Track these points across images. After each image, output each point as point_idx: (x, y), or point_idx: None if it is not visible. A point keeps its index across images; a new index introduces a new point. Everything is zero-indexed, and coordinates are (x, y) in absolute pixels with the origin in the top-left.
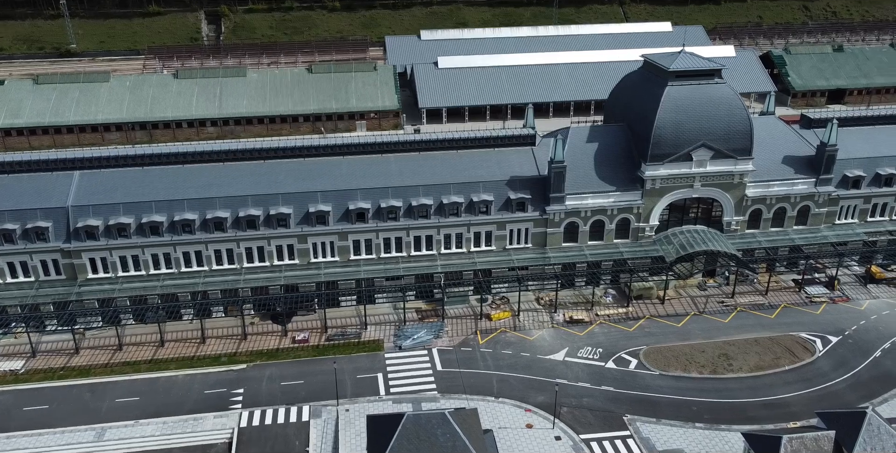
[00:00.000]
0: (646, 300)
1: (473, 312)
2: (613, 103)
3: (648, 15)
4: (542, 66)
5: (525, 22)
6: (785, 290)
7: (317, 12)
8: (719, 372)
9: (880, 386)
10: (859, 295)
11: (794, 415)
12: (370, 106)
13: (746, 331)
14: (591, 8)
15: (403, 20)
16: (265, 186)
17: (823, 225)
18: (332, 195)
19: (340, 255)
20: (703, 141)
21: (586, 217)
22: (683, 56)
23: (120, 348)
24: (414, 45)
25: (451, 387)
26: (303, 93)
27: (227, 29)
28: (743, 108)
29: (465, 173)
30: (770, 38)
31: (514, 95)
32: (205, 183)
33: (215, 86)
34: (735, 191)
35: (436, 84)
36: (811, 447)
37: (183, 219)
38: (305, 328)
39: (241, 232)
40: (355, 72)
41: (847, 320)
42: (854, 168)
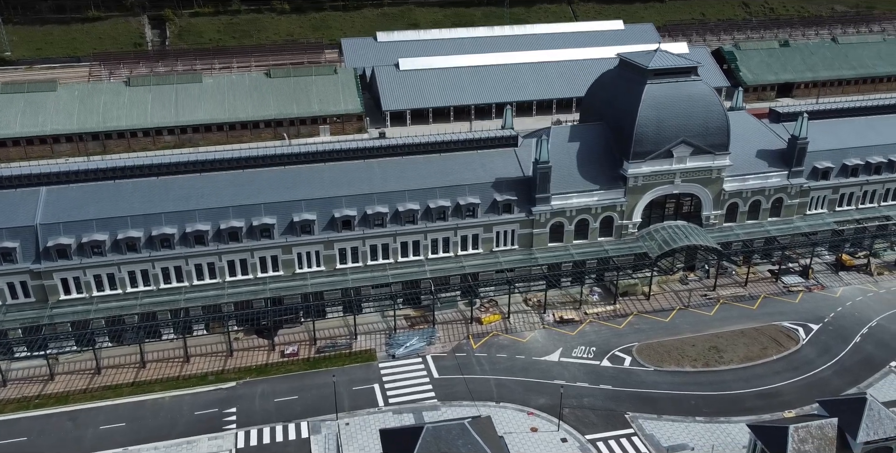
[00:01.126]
0: (631, 296)
1: (463, 317)
2: (591, 102)
3: (597, 13)
4: (503, 65)
5: (476, 22)
6: (763, 281)
7: (265, 15)
8: (711, 364)
9: (864, 371)
10: (833, 282)
11: (789, 404)
12: (333, 110)
13: (732, 322)
14: (540, 7)
15: (355, 22)
16: (246, 196)
17: (796, 216)
18: (317, 203)
19: (326, 265)
20: (682, 137)
21: (571, 216)
22: (660, 54)
23: (98, 372)
24: (370, 46)
25: (450, 395)
26: (262, 98)
27: (173, 33)
28: (719, 104)
29: (451, 176)
30: (716, 35)
31: (478, 96)
32: (182, 195)
33: (170, 93)
34: (713, 185)
35: (398, 86)
36: (817, 435)
37: (161, 234)
38: (293, 341)
39: (224, 245)
40: (315, 75)
41: (824, 308)
42: (823, 160)
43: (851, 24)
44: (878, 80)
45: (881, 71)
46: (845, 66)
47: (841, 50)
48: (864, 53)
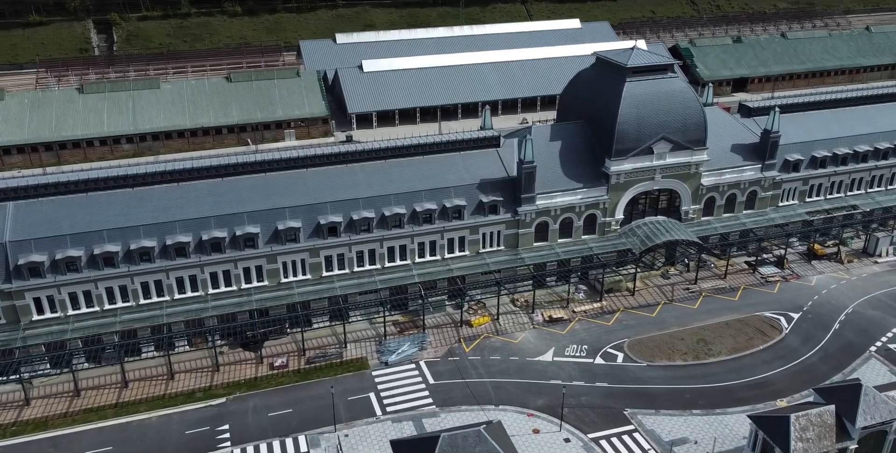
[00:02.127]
0: (616, 293)
1: (453, 320)
2: (569, 101)
3: (551, 12)
4: (467, 66)
5: (432, 22)
6: (741, 273)
7: (217, 18)
8: (701, 357)
9: (847, 357)
10: (807, 271)
11: (780, 393)
12: (297, 114)
13: (716, 315)
14: (495, 7)
15: (309, 24)
16: (228, 205)
17: (769, 208)
18: (301, 210)
19: (312, 273)
20: (662, 134)
21: (556, 215)
22: (637, 52)
23: (77, 394)
24: (330, 48)
25: (447, 400)
26: (224, 103)
27: (121, 38)
28: (697, 100)
29: (436, 179)
30: (669, 32)
31: (443, 96)
32: (161, 206)
33: (127, 100)
34: (692, 180)
35: (362, 88)
36: (816, 422)
37: (140, 247)
38: (282, 352)
39: (206, 256)
40: (278, 79)
41: (802, 296)
42: (793, 152)
43: (795, 20)
44: (826, 73)
45: (829, 65)
46: (795, 61)
47: (790, 45)
48: (811, 48)
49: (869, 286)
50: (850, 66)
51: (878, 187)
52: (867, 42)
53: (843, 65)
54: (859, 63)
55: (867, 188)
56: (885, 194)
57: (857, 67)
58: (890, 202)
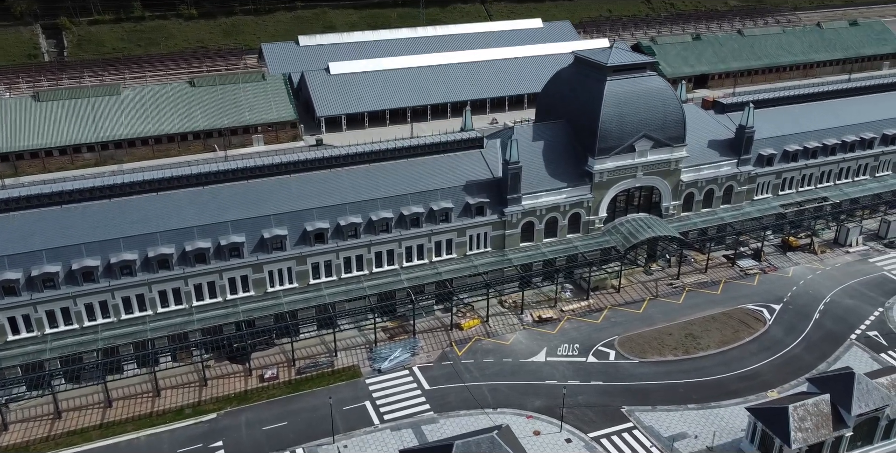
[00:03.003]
0: (602, 291)
1: (442, 324)
2: (548, 101)
3: (510, 12)
4: (435, 66)
5: (393, 23)
6: (720, 266)
7: (172, 21)
8: (691, 352)
9: (829, 346)
10: (783, 263)
11: (769, 384)
12: (265, 118)
13: (700, 309)
14: (455, 7)
15: (268, 26)
16: (211, 215)
17: (745, 201)
18: (287, 217)
19: (299, 281)
20: (643, 132)
21: (541, 215)
22: (616, 51)
23: (59, 416)
24: (293, 51)
25: (445, 405)
26: (188, 108)
27: (71, 43)
28: (676, 98)
29: (422, 182)
30: (629, 30)
31: (413, 98)
32: (141, 217)
33: (86, 107)
34: (672, 177)
35: (330, 91)
36: (813, 412)
37: (121, 261)
38: (271, 364)
39: (190, 268)
40: (243, 83)
41: (781, 288)
42: (766, 147)
43: (748, 17)
44: (782, 68)
45: (784, 60)
46: (752, 57)
47: (747, 42)
48: (767, 44)
49: (843, 275)
50: (804, 62)
51: (845, 179)
52: (819, 38)
53: (798, 60)
54: (812, 58)
55: (835, 180)
56: (852, 185)
57: (810, 62)
58: (857, 193)
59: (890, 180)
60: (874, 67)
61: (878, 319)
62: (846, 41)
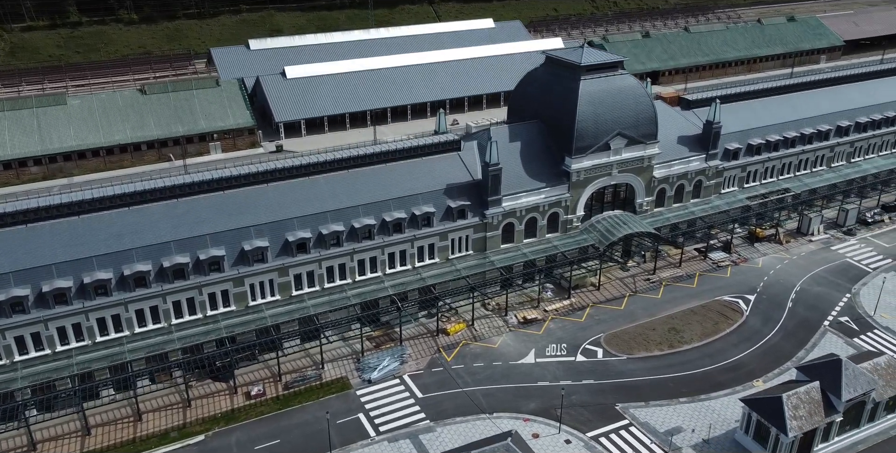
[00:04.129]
0: (582, 289)
1: (427, 330)
2: (520, 101)
3: (458, 12)
4: (393, 69)
5: (341, 25)
6: (693, 260)
7: (111, 27)
8: (676, 346)
9: (805, 333)
10: (752, 254)
11: (754, 374)
12: (222, 125)
13: (679, 303)
14: (403, 8)
15: (213, 30)
16: (188, 228)
17: (713, 195)
18: (268, 228)
19: (281, 293)
20: (617, 130)
21: (521, 216)
22: (587, 51)
23: (34, 448)
24: (244, 55)
25: (440, 413)
26: (140, 117)
27: (4, 51)
28: (647, 95)
29: (402, 187)
30: (577, 29)
31: (372, 101)
32: (114, 233)
33: (30, 118)
34: (645, 173)
35: (288, 95)
36: (805, 399)
37: (95, 281)
38: (256, 380)
39: (168, 284)
40: (196, 89)
41: (753, 279)
42: (732, 141)
43: (690, 14)
44: (727, 64)
45: (729, 56)
46: (699, 54)
47: (693, 38)
48: (712, 41)
49: (809, 264)
50: (748, 57)
51: (804, 170)
52: (760, 34)
53: (742, 55)
54: (755, 53)
55: (795, 172)
56: (811, 176)
57: (753, 57)
58: (816, 184)
59: (845, 170)
60: (812, 61)
61: (847, 305)
62: (785, 36)
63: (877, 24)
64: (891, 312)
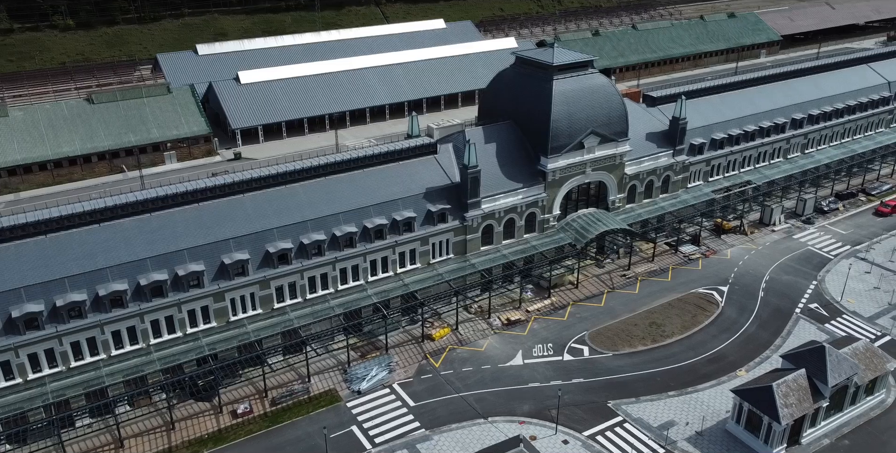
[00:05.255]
0: (560, 288)
1: (412, 336)
2: (491, 102)
3: (406, 14)
4: (349, 71)
5: (288, 28)
6: (665, 254)
7: (46, 33)
8: (658, 340)
9: (779, 321)
10: (720, 246)
11: (736, 364)
12: (175, 133)
13: (657, 297)
14: (350, 9)
15: (154, 35)
16: (164, 243)
17: (681, 190)
18: (247, 240)
19: (263, 306)
20: (591, 128)
21: (500, 217)
22: (558, 51)
23: None
24: (192, 61)
25: (435, 420)
26: (89, 128)
27: None
28: (618, 93)
29: (381, 192)
30: (527, 28)
31: (330, 105)
32: (86, 252)
33: None
34: (617, 171)
35: (243, 101)
36: (794, 387)
37: (68, 303)
38: (242, 397)
39: (146, 303)
40: (147, 97)
41: (724, 270)
42: (697, 137)
43: (633, 12)
44: (675, 60)
45: (676, 52)
46: (647, 51)
47: (641, 36)
48: (659, 38)
49: (775, 253)
50: (693, 53)
51: (763, 162)
52: (703, 30)
53: (688, 51)
54: (700, 49)
55: (755, 164)
56: (769, 168)
57: (698, 53)
58: (775, 175)
59: (800, 161)
60: (753, 56)
61: (815, 292)
62: (727, 32)
63: (810, 18)
64: (856, 297)
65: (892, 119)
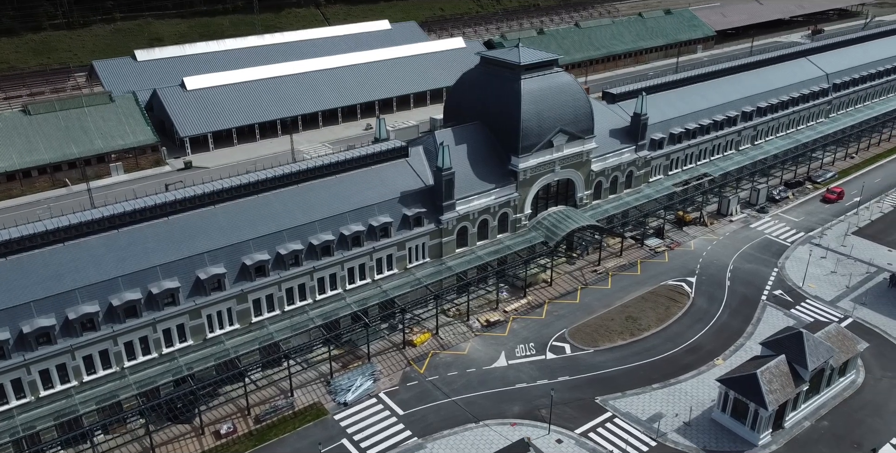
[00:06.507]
0: (535, 286)
1: (393, 343)
2: (457, 104)
3: (346, 15)
4: (298, 75)
5: (226, 31)
6: (631, 248)
7: None
8: (636, 334)
9: (748, 309)
10: (683, 238)
11: (713, 353)
12: (121, 144)
13: (629, 291)
14: (290, 12)
15: (85, 41)
16: (135, 261)
17: (643, 185)
18: (223, 253)
19: (240, 321)
20: (559, 127)
21: (474, 219)
22: (524, 50)
23: None
24: (130, 67)
25: (426, 428)
26: (27, 140)
27: None
28: (583, 91)
29: (357, 198)
30: (471, 27)
31: (280, 109)
32: (51, 273)
33: None
34: (584, 168)
35: (190, 108)
36: (776, 373)
37: (37, 329)
38: (223, 416)
39: (119, 324)
40: (88, 106)
41: (690, 261)
42: (656, 132)
43: (573, 9)
44: (618, 57)
45: (618, 49)
46: (591, 48)
47: (585, 33)
48: (602, 35)
49: (735, 243)
50: (635, 49)
51: (718, 154)
52: (643, 27)
53: (629, 48)
54: (640, 46)
55: (710, 156)
56: (723, 160)
57: (639, 50)
58: (730, 167)
59: (751, 152)
60: (690, 51)
61: (777, 278)
62: (665, 29)
63: (741, 14)
64: (816, 282)
65: (831, 109)
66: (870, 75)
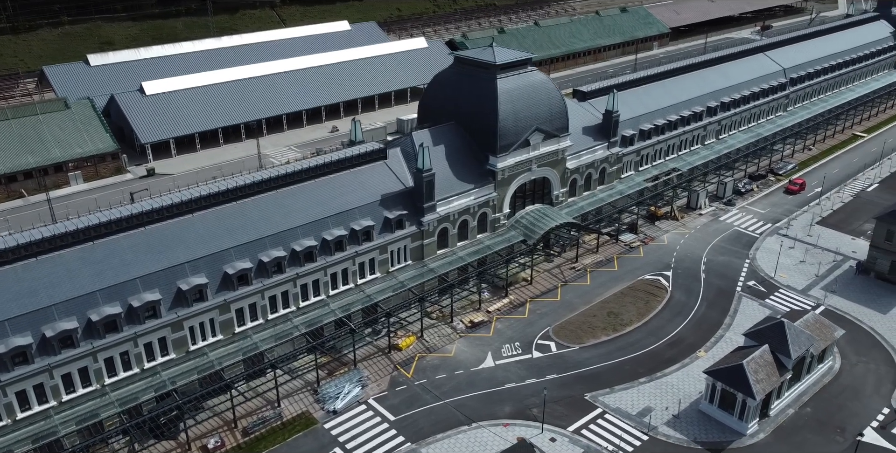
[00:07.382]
0: (515, 285)
1: (378, 348)
2: (432, 104)
3: (303, 16)
4: (259, 78)
5: (180, 34)
6: (607, 243)
7: None
8: (619, 329)
9: (725, 301)
10: (656, 232)
11: (695, 345)
12: (79, 152)
13: (608, 286)
14: (244, 13)
15: (31, 46)
16: (113, 273)
17: (616, 181)
18: (204, 262)
19: (223, 331)
20: (535, 125)
21: (454, 220)
22: (498, 50)
23: None
24: (83, 72)
25: (419, 433)
26: None
27: None
28: (557, 90)
29: (336, 202)
30: (430, 27)
31: (243, 113)
32: (26, 289)
33: None
34: (560, 166)
35: (150, 114)
36: (762, 363)
37: (12, 349)
38: (209, 430)
39: (99, 340)
40: (42, 113)
41: (665, 255)
42: (627, 128)
43: (529, 8)
44: (577, 55)
45: (578, 47)
46: (551, 46)
47: (544, 32)
48: (561, 33)
49: (707, 236)
50: (593, 47)
51: (685, 149)
52: (600, 25)
53: (588, 46)
54: (599, 43)
55: (678, 151)
56: (690, 154)
57: (598, 47)
58: (697, 161)
59: (716, 147)
60: (647, 48)
61: (750, 269)
62: (622, 26)
63: (693, 11)
64: (787, 272)
65: (788, 103)
66: (823, 69)
